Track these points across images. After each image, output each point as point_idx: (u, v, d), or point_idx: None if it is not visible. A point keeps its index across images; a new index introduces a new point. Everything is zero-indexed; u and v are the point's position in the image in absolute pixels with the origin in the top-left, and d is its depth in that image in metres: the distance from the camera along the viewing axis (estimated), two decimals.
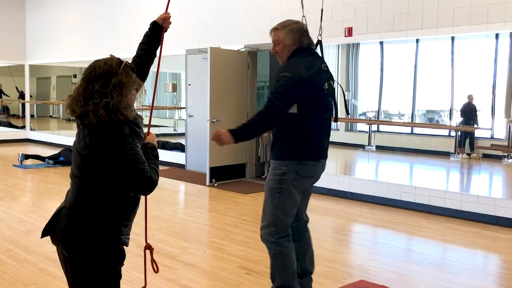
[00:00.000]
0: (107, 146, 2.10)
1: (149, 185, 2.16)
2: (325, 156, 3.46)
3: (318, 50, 3.57)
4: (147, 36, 2.78)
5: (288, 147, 3.33)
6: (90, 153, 2.13)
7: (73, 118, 2.24)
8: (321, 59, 3.47)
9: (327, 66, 3.45)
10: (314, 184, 3.74)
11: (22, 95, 14.86)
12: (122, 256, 2.31)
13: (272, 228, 3.32)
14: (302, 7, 3.84)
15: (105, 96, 2.11)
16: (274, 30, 3.44)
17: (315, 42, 3.54)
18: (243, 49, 8.46)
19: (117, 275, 2.31)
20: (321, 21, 3.77)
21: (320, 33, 3.62)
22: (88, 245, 2.18)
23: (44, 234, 2.33)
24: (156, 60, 2.79)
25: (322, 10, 3.97)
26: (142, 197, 2.36)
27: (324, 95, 3.34)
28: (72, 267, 2.23)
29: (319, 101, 3.32)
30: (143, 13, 10.31)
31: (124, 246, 2.33)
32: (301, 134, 3.30)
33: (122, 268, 2.36)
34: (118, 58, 2.24)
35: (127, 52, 2.79)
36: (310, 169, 3.36)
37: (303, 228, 3.62)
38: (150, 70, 2.79)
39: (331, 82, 3.42)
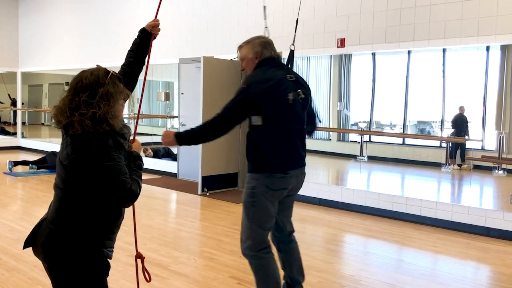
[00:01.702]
0: (88, 156, 2.07)
1: (130, 197, 2.13)
2: (297, 166, 3.36)
3: (285, 61, 3.60)
4: (136, 44, 2.76)
5: (257, 160, 3.29)
6: (71, 163, 2.10)
7: (59, 128, 2.21)
8: (286, 69, 3.44)
9: (296, 76, 3.39)
10: (306, 194, 3.78)
11: (14, 102, 14.80)
12: (106, 268, 2.27)
13: (250, 242, 3.29)
14: (265, 18, 3.97)
15: (92, 106, 2.09)
16: (239, 48, 3.52)
17: (287, 52, 3.58)
18: (236, 59, 8.48)
19: (103, 286, 2.28)
20: (295, 31, 3.86)
21: (293, 43, 3.66)
22: (70, 258, 2.15)
23: (26, 246, 2.31)
24: (144, 67, 2.77)
25: (297, 21, 4.05)
26: (130, 207, 2.34)
27: (289, 106, 3.24)
28: (54, 280, 2.20)
29: (282, 111, 3.24)
30: (135, 22, 10.31)
31: (109, 259, 2.30)
32: (268, 146, 3.26)
33: (112, 278, 2.34)
34: (105, 68, 2.22)
35: (119, 61, 2.77)
36: (281, 181, 3.27)
37: (287, 239, 3.58)
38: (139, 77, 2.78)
39: (300, 91, 3.32)
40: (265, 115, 3.21)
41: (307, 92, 3.41)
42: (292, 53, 3.65)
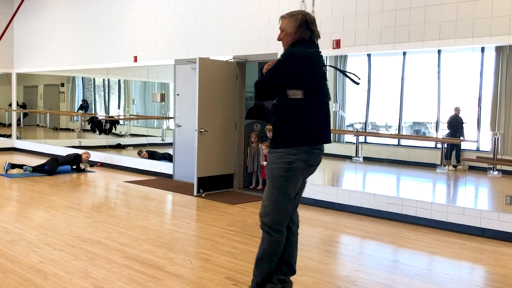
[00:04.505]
0: None
1: None
2: (328, 141, 3.60)
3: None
4: None
5: (295, 133, 3.43)
6: None
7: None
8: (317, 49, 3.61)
9: (321, 53, 3.62)
10: (302, 195, 3.84)
11: (22, 106, 14.80)
12: None
13: (275, 216, 3.45)
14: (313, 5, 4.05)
15: None
16: (282, 18, 3.59)
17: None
18: (231, 60, 8.49)
19: None
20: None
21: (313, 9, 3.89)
22: None
23: None
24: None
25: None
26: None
27: (320, 79, 3.52)
28: None
29: (318, 85, 3.50)
30: (130, 23, 10.31)
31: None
32: (307, 119, 3.44)
33: (107, 279, 2.32)
34: None
35: (114, 62, 2.73)
36: (316, 156, 3.51)
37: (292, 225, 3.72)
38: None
39: (324, 67, 3.61)
40: (306, 88, 3.41)
41: (325, 68, 3.65)
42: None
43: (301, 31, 3.49)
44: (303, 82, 3.39)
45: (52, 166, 9.87)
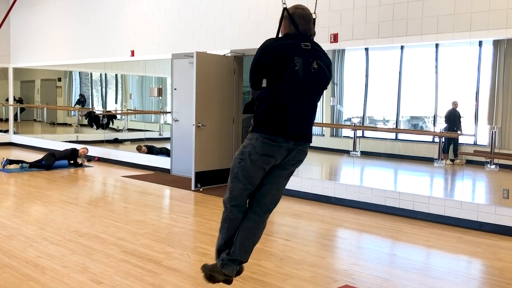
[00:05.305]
0: None
1: None
2: (296, 139, 3.22)
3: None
4: None
5: (255, 119, 3.27)
6: None
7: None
8: (306, 42, 3.27)
9: (314, 46, 3.27)
10: (300, 189, 3.75)
11: (19, 101, 14.77)
12: None
13: (227, 194, 3.42)
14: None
15: None
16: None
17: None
18: (229, 54, 8.47)
19: None
20: None
21: (283, 2, 3.42)
22: None
23: None
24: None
25: None
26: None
27: (296, 72, 3.13)
28: None
29: (288, 77, 3.13)
30: (127, 17, 10.27)
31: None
32: (268, 109, 3.20)
33: (105, 274, 2.32)
34: None
35: (111, 56, 2.70)
36: (269, 148, 3.20)
37: (258, 213, 3.44)
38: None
39: (315, 61, 3.21)
40: (269, 77, 3.18)
41: (324, 63, 3.27)
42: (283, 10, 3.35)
43: (288, 27, 3.32)
44: (267, 72, 3.19)
45: (49, 161, 9.86)
